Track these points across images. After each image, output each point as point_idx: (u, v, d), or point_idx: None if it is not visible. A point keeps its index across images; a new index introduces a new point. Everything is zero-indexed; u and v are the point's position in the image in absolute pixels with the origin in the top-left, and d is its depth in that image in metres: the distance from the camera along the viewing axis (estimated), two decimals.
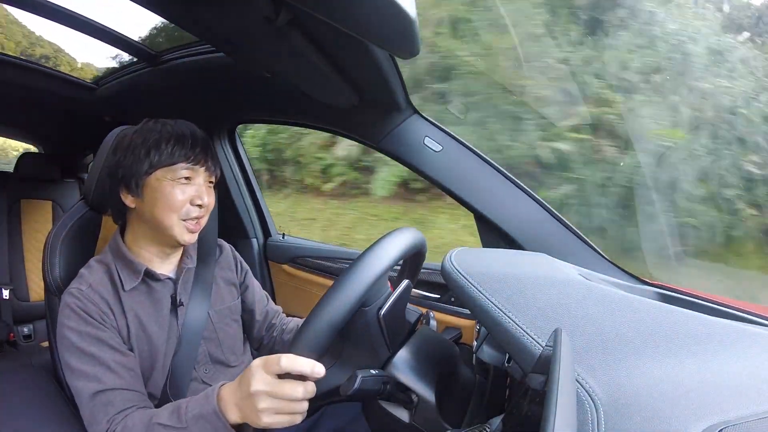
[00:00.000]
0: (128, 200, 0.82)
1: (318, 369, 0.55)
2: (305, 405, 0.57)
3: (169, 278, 0.87)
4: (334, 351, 0.65)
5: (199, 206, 0.82)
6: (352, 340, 0.64)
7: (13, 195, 1.96)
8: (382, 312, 0.63)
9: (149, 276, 0.84)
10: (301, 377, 0.56)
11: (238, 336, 0.96)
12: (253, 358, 1.02)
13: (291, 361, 0.54)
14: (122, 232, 0.87)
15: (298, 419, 0.58)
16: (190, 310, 0.87)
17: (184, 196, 0.80)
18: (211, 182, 0.86)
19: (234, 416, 0.61)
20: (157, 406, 0.80)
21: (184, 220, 0.81)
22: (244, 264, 1.03)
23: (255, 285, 1.04)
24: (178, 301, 0.86)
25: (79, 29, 1.17)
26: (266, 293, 1.06)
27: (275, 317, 1.05)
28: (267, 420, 0.56)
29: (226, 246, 1.02)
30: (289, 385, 0.55)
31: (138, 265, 0.82)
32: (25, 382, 0.95)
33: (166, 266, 0.88)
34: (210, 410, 0.63)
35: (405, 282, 0.70)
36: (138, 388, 0.77)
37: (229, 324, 0.94)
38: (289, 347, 0.56)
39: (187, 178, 0.81)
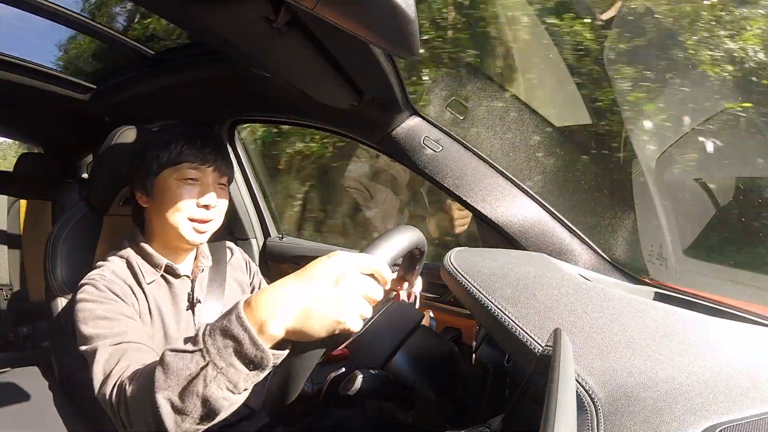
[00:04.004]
0: (142, 201, 0.85)
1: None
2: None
3: (187, 276, 0.88)
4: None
5: (206, 207, 0.82)
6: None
7: (13, 195, 1.95)
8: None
9: (169, 272, 0.85)
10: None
11: None
12: None
13: (379, 264, 0.49)
14: (141, 230, 0.88)
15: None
16: (205, 309, 0.88)
17: (190, 196, 0.81)
18: (222, 184, 0.86)
19: (278, 327, 0.45)
20: None
21: (192, 221, 0.82)
22: (254, 265, 1.06)
23: (264, 286, 1.05)
24: (195, 299, 0.87)
25: (80, 30, 1.17)
26: None
27: None
28: (353, 322, 0.46)
29: (236, 248, 1.04)
30: (376, 284, 0.49)
31: (159, 259, 0.84)
32: (25, 382, 0.95)
33: (182, 265, 0.89)
34: (233, 317, 0.46)
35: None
36: (157, 351, 0.69)
37: None
38: (368, 249, 0.51)
39: (193, 178, 0.81)
